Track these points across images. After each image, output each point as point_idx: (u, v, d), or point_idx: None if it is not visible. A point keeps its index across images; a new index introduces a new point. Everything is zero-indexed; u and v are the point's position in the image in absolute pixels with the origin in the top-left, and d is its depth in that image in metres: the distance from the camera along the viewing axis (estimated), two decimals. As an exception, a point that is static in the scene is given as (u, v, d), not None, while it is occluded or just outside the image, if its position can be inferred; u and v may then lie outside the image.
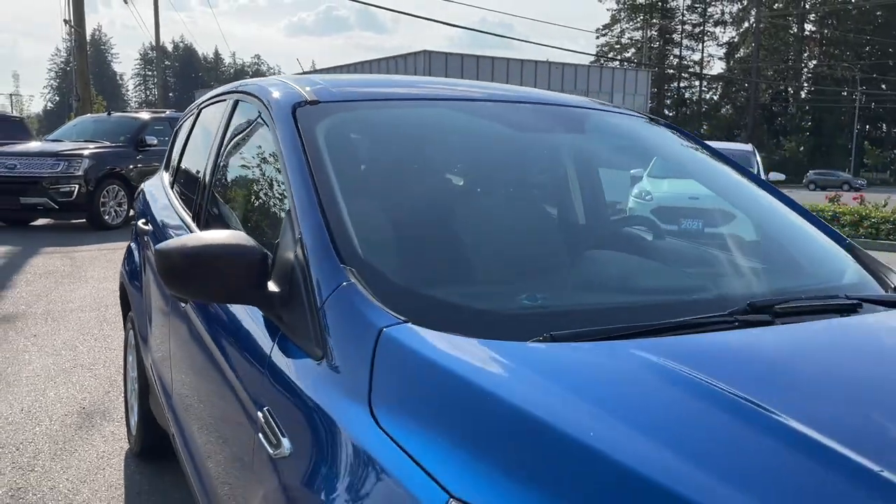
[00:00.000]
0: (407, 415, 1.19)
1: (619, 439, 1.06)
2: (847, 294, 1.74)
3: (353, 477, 1.16)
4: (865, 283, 1.95)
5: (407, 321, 1.34)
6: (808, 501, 0.98)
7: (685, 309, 1.55)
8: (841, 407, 1.24)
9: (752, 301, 1.58)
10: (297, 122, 1.91)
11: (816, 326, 1.54)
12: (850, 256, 2.09)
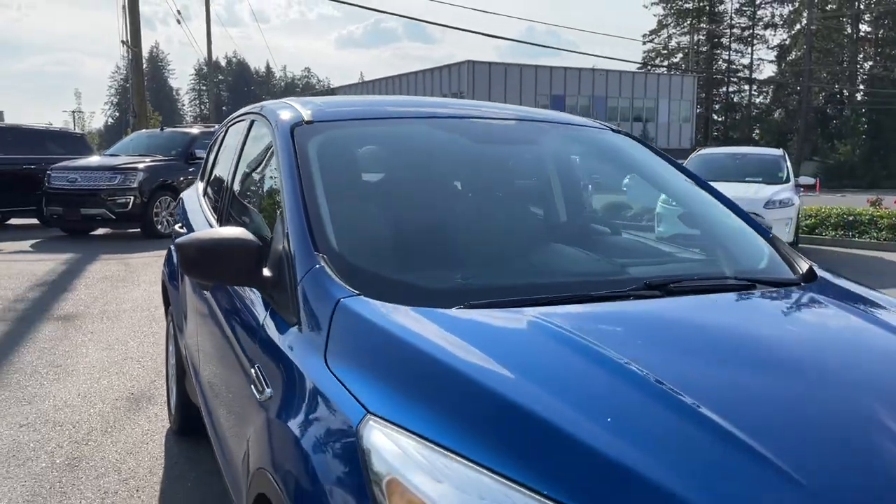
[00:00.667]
0: (349, 360, 1.58)
1: (500, 377, 1.43)
2: (742, 276, 2.08)
3: (308, 405, 1.56)
4: (777, 268, 2.27)
5: (360, 294, 1.74)
6: (655, 434, 1.29)
7: (592, 287, 1.91)
8: (692, 363, 1.58)
9: (648, 280, 1.93)
10: (294, 139, 2.33)
11: (693, 300, 1.88)
12: (770, 247, 2.41)
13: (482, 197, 2.40)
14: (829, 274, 2.29)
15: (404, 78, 53.58)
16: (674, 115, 54.59)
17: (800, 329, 1.86)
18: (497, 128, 2.70)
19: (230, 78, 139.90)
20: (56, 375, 4.93)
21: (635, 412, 1.33)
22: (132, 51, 18.84)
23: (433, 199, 2.34)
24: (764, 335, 1.72)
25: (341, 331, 1.66)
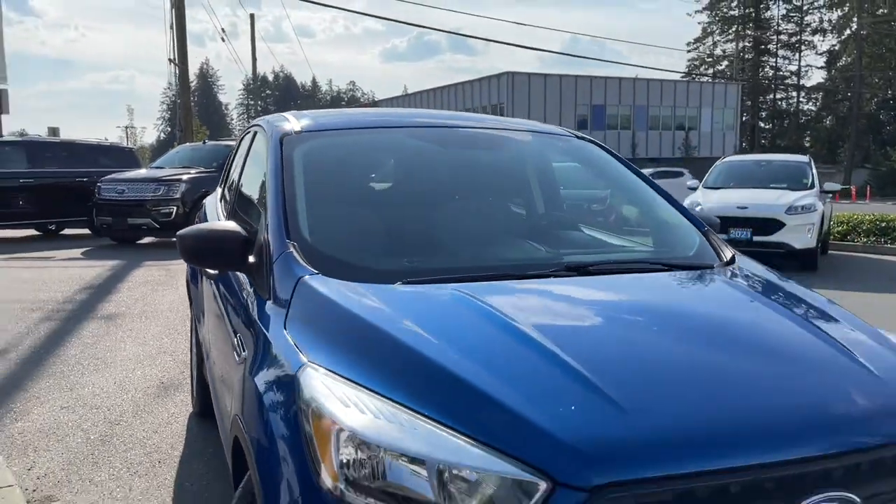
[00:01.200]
0: (302, 323, 1.94)
1: (411, 333, 1.77)
2: (658, 261, 2.39)
3: (268, 361, 1.92)
4: (702, 256, 2.56)
5: (318, 273, 2.10)
6: (520, 372, 1.61)
7: (520, 269, 2.24)
8: (571, 321, 1.91)
9: (568, 263, 2.25)
10: (283, 147, 2.72)
11: (597, 279, 2.19)
12: (703, 238, 2.70)
13: (439, 194, 2.74)
14: (751, 262, 2.57)
15: (445, 90, 54.18)
16: (717, 123, 54.02)
17: (677, 297, 2.16)
18: (463, 135, 3.05)
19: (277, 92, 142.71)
20: (96, 367, 5.41)
21: (509, 357, 1.66)
22: (179, 68, 19.69)
23: (395, 197, 2.69)
24: (641, 302, 2.04)
25: (299, 301, 2.02)
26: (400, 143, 2.94)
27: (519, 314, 1.83)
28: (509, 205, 2.89)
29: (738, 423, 1.50)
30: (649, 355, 1.74)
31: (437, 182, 2.78)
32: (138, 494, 3.37)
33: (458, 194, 2.74)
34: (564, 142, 3.24)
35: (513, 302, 1.93)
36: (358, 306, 1.91)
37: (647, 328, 1.86)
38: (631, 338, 1.81)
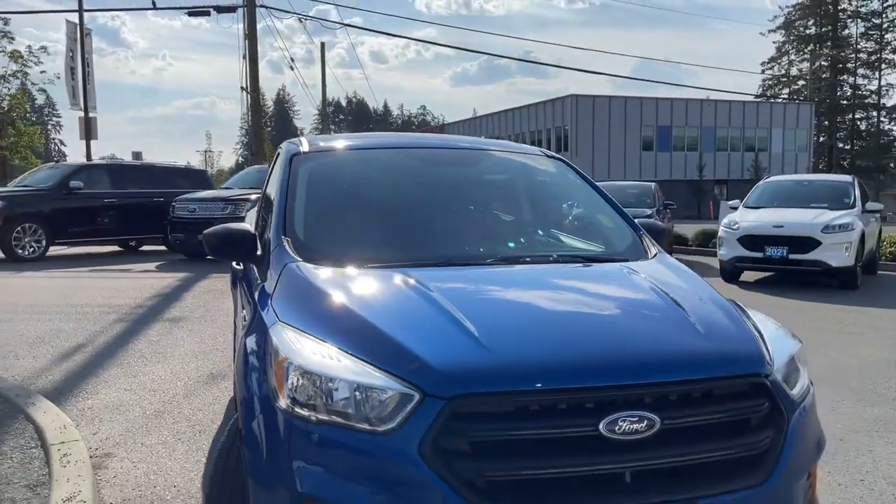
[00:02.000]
0: (283, 296, 2.55)
1: (355, 300, 2.36)
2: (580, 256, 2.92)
3: (256, 325, 2.53)
4: (630, 253, 3.07)
5: (301, 260, 2.72)
6: (420, 324, 2.19)
7: (462, 260, 2.80)
8: (475, 291, 2.47)
9: (503, 255, 2.80)
10: (291, 164, 3.37)
11: (517, 267, 2.74)
12: (636, 239, 3.21)
13: (414, 202, 3.32)
14: (666, 259, 3.06)
15: (510, 113, 54.85)
16: (788, 144, 52.89)
17: (569, 278, 2.69)
18: (442, 154, 3.65)
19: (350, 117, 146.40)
20: (157, 359, 6.19)
21: (414, 313, 2.25)
22: (250, 95, 20.96)
23: (375, 203, 3.30)
24: (538, 281, 2.61)
25: (283, 281, 2.64)
26: (386, 161, 3.57)
27: (437, 287, 2.40)
28: (475, 211, 3.43)
29: (568, 358, 2.03)
30: (520, 313, 2.30)
31: (413, 192, 3.38)
32: (180, 455, 4.05)
33: (429, 202, 3.32)
34: (535, 160, 3.79)
35: (438, 279, 2.51)
36: (321, 282, 2.52)
37: (531, 297, 2.42)
38: (513, 302, 2.39)
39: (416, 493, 1.87)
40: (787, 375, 2.26)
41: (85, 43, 19.58)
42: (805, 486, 2.20)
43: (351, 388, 2.00)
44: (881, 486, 3.68)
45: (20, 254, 13.47)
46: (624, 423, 1.93)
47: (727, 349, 2.22)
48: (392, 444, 1.90)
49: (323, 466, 1.96)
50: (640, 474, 1.96)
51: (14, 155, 20.74)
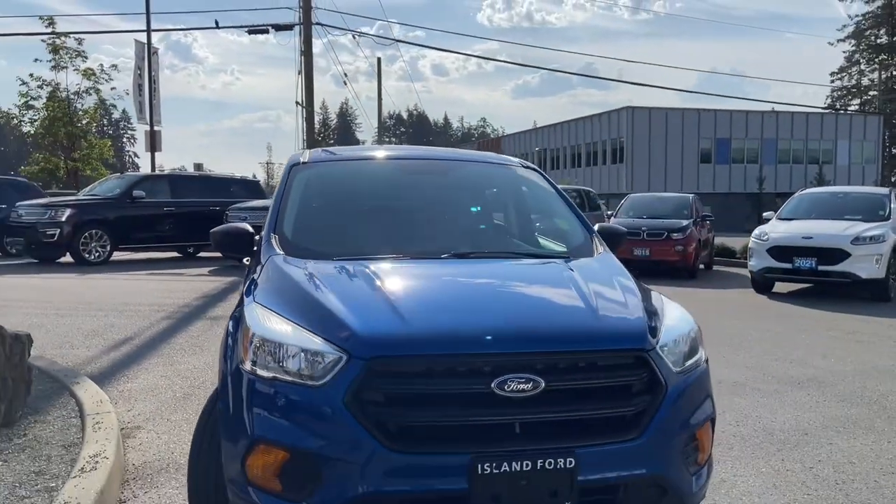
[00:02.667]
0: (262, 284, 3.04)
1: (312, 284, 2.83)
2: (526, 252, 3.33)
3: (238, 306, 3.02)
4: (580, 252, 3.46)
5: (281, 254, 3.21)
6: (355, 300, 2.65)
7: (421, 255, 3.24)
8: (416, 278, 2.92)
9: (454, 251, 3.24)
10: (289, 173, 3.88)
11: (464, 261, 3.18)
12: (588, 240, 3.60)
13: (389, 205, 3.79)
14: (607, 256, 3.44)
15: (566, 125, 54.88)
16: (855, 156, 51.40)
17: (500, 269, 3.13)
18: (424, 164, 4.11)
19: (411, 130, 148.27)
20: (194, 351, 6.80)
21: (355, 294, 2.71)
22: (306, 110, 21.85)
23: (356, 206, 3.77)
24: (473, 271, 3.05)
25: (265, 270, 3.14)
26: (371, 170, 4.07)
27: (383, 275, 2.86)
28: (441, 213, 3.86)
29: (470, 330, 2.46)
30: (444, 295, 2.75)
31: (389, 196, 3.85)
32: (198, 429, 4.59)
33: (401, 205, 3.79)
34: (510, 169, 4.22)
35: (387, 269, 2.96)
36: (292, 271, 3.00)
37: (461, 283, 2.86)
38: (443, 287, 2.84)
39: (340, 434, 2.32)
40: (674, 352, 2.62)
41: (152, 61, 20.87)
42: (683, 446, 2.56)
43: (297, 352, 2.47)
44: (826, 472, 3.95)
45: (87, 258, 14.46)
46: (512, 383, 2.35)
47: (613, 327, 2.61)
48: (323, 395, 2.36)
49: (271, 414, 2.43)
50: (527, 425, 2.37)
51: (86, 166, 22.12)
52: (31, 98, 21.17)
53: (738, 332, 8.13)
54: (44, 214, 14.39)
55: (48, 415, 4.40)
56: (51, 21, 21.10)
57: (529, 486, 2.32)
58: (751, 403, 5.25)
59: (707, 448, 2.74)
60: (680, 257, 13.68)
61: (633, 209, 15.36)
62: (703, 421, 2.70)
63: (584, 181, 48.63)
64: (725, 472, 3.91)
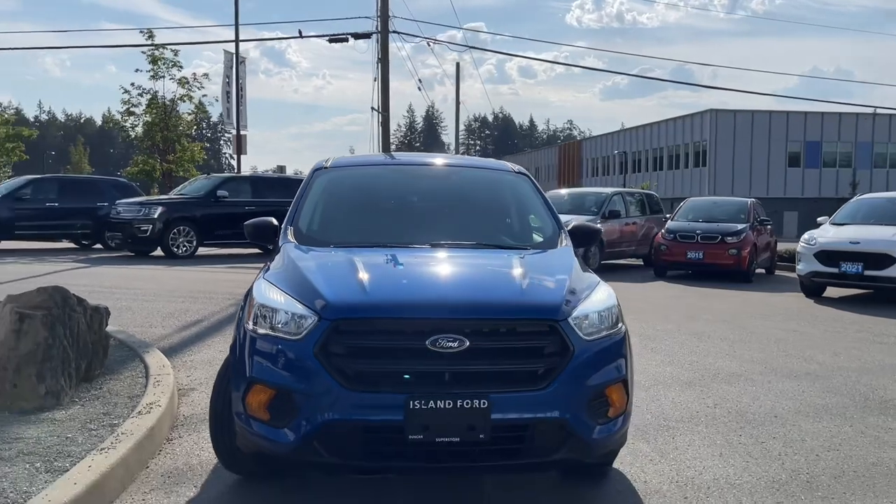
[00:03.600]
0: (274, 266, 3.81)
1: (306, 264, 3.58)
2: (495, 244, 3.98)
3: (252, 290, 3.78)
4: (544, 245, 4.09)
5: (293, 242, 3.98)
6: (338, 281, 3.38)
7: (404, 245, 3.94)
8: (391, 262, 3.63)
9: (432, 242, 3.92)
10: (312, 176, 4.66)
11: (436, 250, 3.85)
12: (555, 235, 4.21)
13: (388, 204, 4.50)
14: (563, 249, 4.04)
15: (647, 128, 54.31)
16: (958, 160, 48.74)
17: (463, 256, 3.78)
18: (427, 170, 4.82)
19: (496, 132, 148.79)
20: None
21: (336, 273, 3.44)
22: (381, 115, 22.89)
23: (358, 204, 4.50)
24: (441, 258, 3.73)
25: (279, 255, 3.90)
26: (380, 175, 4.82)
27: (363, 259, 3.57)
28: (431, 211, 4.54)
29: (415, 300, 3.16)
30: (405, 274, 3.48)
31: (390, 197, 4.58)
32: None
33: (399, 204, 4.52)
34: (503, 175, 4.87)
35: (369, 254, 3.68)
36: (296, 255, 3.76)
37: (425, 266, 3.57)
38: (408, 268, 3.56)
39: (311, 377, 3.04)
40: (586, 324, 3.22)
41: (239, 70, 22.41)
42: (589, 400, 3.15)
43: (285, 315, 3.21)
44: (775, 447, 4.41)
45: (175, 252, 15.85)
46: (442, 341, 3.01)
47: (532, 302, 3.25)
48: (300, 347, 3.09)
49: (263, 360, 3.18)
50: (455, 375, 3.03)
51: (178, 168, 23.89)
52: (132, 105, 23.11)
53: (762, 331, 8.44)
54: (139, 212, 15.86)
55: (120, 374, 5.33)
56: (150, 34, 22.98)
57: (451, 420, 2.98)
58: (737, 391, 5.69)
59: (619, 404, 3.31)
60: (734, 261, 13.83)
61: (690, 213, 15.55)
62: (613, 381, 3.28)
63: (664, 185, 48.09)
64: (681, 442, 4.44)
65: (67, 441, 3.86)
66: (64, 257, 15.82)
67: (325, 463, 3.08)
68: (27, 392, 4.40)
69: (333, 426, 3.02)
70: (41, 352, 4.50)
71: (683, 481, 3.84)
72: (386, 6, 24.19)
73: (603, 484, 3.79)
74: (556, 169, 68.42)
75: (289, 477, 3.73)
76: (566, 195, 17.37)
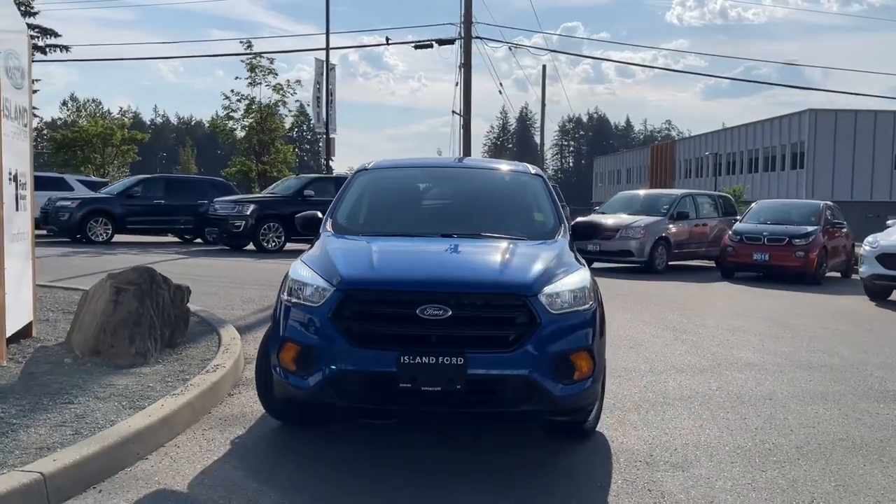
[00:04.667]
0: (311, 251, 4.62)
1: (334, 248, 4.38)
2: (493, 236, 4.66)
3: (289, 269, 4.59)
4: (542, 237, 4.74)
5: (331, 232, 4.80)
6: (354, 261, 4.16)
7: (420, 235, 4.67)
8: (404, 250, 4.39)
9: (441, 233, 4.64)
10: (354, 176, 5.48)
11: (447, 239, 4.56)
12: (555, 229, 4.85)
13: (411, 201, 5.24)
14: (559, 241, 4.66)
15: (745, 128, 52.91)
16: None
17: (464, 244, 4.45)
18: (450, 171, 5.53)
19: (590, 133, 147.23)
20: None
21: (355, 255, 4.22)
22: (463, 118, 23.72)
23: (387, 200, 5.26)
24: (445, 246, 4.41)
25: (317, 242, 4.71)
26: (410, 174, 5.57)
27: (378, 244, 4.32)
28: (446, 207, 5.25)
29: (411, 276, 3.92)
30: (410, 257, 4.25)
31: (413, 194, 5.32)
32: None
33: (419, 201, 5.25)
34: (519, 176, 5.53)
35: (384, 241, 4.43)
36: (329, 242, 4.57)
37: (429, 251, 4.31)
38: (414, 252, 4.31)
39: (325, 334, 3.82)
40: (554, 300, 3.85)
41: (329, 76, 23.78)
42: (554, 363, 3.77)
43: (310, 287, 4.00)
44: (755, 423, 4.87)
45: (265, 246, 17.17)
46: (429, 310, 3.72)
47: (507, 280, 3.91)
48: (319, 311, 3.87)
49: (293, 323, 3.98)
50: (440, 337, 3.73)
51: (273, 168, 25.52)
52: (232, 110, 24.93)
53: (800, 329, 8.68)
54: (233, 209, 17.26)
55: (198, 344, 6.29)
56: (249, 44, 24.73)
57: (434, 373, 3.68)
58: (744, 377, 6.12)
59: (584, 369, 3.91)
60: (801, 263, 13.82)
61: (760, 215, 15.57)
62: (578, 348, 3.89)
63: (759, 188, 46.77)
64: (670, 415, 4.97)
65: (148, 389, 4.79)
66: (167, 250, 17.42)
67: (336, 405, 3.86)
68: (121, 351, 5.40)
69: (342, 375, 3.78)
70: (132, 319, 5.49)
71: (655, 444, 4.39)
72: (469, 13, 25.03)
73: (583, 442, 4.39)
74: (647, 170, 67.48)
75: (315, 426, 4.53)
76: (642, 196, 17.72)
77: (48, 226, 18.26)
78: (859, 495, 3.73)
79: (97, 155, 33.57)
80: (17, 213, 5.74)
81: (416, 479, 3.83)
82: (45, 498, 3.27)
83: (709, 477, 3.90)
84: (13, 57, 5.61)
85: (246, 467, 3.92)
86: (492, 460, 4.13)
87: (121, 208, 18.46)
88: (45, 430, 3.93)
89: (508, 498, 3.60)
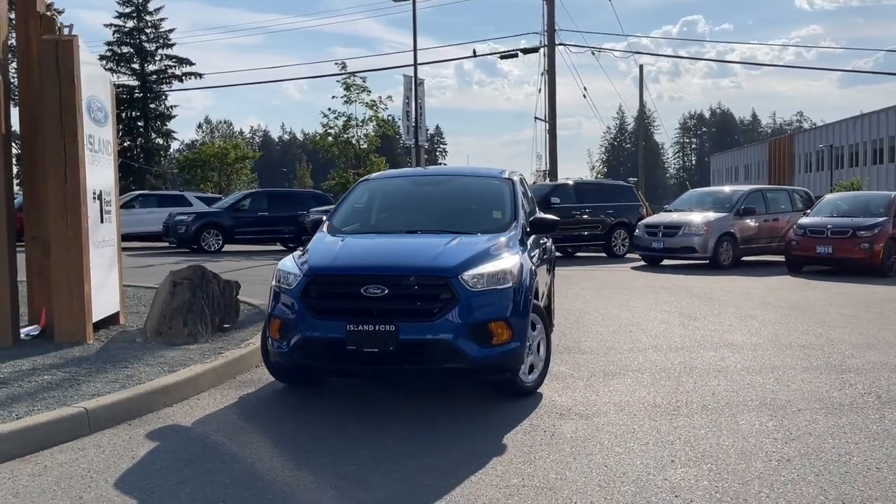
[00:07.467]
0: (298, 249, 5.77)
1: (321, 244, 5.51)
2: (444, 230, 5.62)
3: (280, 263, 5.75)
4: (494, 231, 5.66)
5: (325, 232, 5.94)
6: (323, 254, 5.26)
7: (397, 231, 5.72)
8: (364, 242, 5.46)
9: (406, 230, 5.66)
10: (356, 185, 6.62)
11: (412, 235, 5.58)
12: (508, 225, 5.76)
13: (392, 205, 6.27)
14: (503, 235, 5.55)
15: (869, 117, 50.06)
16: None
17: (423, 238, 5.42)
18: (431, 178, 6.55)
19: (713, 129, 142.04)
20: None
21: (327, 249, 5.32)
22: (548, 124, 24.43)
23: (376, 205, 6.32)
24: (402, 239, 5.49)
25: (312, 244, 5.84)
26: (398, 183, 6.65)
27: (351, 240, 5.41)
28: (419, 210, 6.23)
29: (360, 263, 5.01)
30: (368, 248, 5.33)
31: (396, 199, 6.36)
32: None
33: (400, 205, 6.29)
34: (488, 180, 6.52)
35: (356, 237, 5.51)
36: (316, 239, 5.69)
37: (385, 244, 5.39)
38: (372, 246, 5.37)
39: (297, 310, 4.93)
40: (472, 280, 4.78)
41: (418, 91, 25.18)
42: (473, 330, 4.70)
43: (291, 275, 5.13)
44: (692, 387, 5.53)
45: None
46: (371, 289, 4.76)
47: (434, 265, 4.88)
48: (293, 293, 5.00)
49: (277, 303, 5.13)
50: (380, 310, 4.76)
51: (367, 180, 27.25)
52: (329, 127, 26.91)
53: (815, 316, 8.96)
54: (324, 218, 18.94)
55: (245, 329, 7.59)
56: (343, 65, 26.77)
57: (372, 338, 4.71)
58: (714, 355, 6.70)
59: (504, 335, 4.81)
60: (865, 255, 13.67)
61: (827, 208, 15.41)
62: (494, 318, 4.80)
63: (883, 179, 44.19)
64: (617, 382, 5.73)
65: (189, 360, 6.08)
66: (266, 257, 19.23)
67: (305, 364, 4.97)
68: (176, 332, 6.76)
69: (307, 341, 4.89)
70: (186, 307, 6.85)
71: (580, 402, 5.20)
72: (552, 22, 25.76)
73: (518, 400, 5.25)
74: (766, 166, 64.89)
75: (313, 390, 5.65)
76: (711, 193, 17.98)
77: (168, 238, 20.66)
78: (725, 437, 4.40)
79: (214, 173, 37.48)
80: (102, 224, 7.26)
81: (367, 435, 4.86)
82: (87, 426, 4.57)
83: (604, 424, 4.69)
84: (95, 100, 7.13)
85: (242, 413, 5.10)
86: (428, 409, 5.10)
87: (230, 220, 20.61)
88: (101, 384, 5.27)
89: (428, 435, 4.56)
